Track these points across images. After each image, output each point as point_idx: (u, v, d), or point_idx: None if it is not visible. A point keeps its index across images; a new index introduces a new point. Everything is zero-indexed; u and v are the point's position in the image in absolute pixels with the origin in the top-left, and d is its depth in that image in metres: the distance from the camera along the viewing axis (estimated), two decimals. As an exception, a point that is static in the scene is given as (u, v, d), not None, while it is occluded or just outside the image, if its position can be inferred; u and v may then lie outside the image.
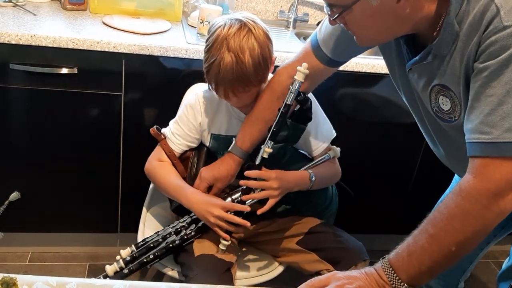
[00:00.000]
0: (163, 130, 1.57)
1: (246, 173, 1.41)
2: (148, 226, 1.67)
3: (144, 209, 1.75)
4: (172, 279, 1.53)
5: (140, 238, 1.61)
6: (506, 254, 1.63)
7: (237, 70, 1.32)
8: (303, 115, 1.44)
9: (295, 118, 1.44)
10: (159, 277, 1.76)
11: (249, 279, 1.54)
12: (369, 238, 2.48)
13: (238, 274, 1.53)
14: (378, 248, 2.51)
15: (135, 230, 1.67)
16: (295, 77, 1.35)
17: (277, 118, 1.38)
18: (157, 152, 1.57)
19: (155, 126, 1.56)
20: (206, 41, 1.39)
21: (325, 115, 1.58)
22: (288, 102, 1.37)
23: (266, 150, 1.40)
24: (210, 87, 1.42)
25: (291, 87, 1.36)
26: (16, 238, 2.14)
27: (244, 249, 1.64)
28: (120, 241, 2.23)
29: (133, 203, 1.86)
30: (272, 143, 1.40)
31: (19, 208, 2.02)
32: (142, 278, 1.86)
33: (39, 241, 2.17)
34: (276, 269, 1.59)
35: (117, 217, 2.13)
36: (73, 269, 2.14)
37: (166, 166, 1.54)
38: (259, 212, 1.40)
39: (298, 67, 1.34)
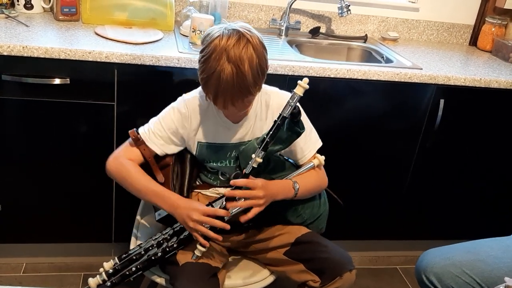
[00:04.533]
0: (140, 131, 1.54)
1: (233, 182, 1.40)
2: (141, 235, 1.67)
3: (137, 219, 1.75)
4: (164, 288, 1.54)
5: (132, 247, 1.61)
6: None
7: (238, 81, 1.31)
8: (291, 127, 1.45)
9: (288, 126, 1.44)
10: (153, 285, 1.75)
11: (239, 288, 1.55)
12: (362, 244, 2.49)
13: (229, 283, 1.53)
14: (372, 255, 2.53)
15: (130, 240, 1.67)
16: (295, 90, 1.36)
17: (273, 130, 1.39)
18: (128, 150, 1.53)
19: (134, 129, 1.55)
20: (202, 51, 1.36)
21: (312, 125, 1.59)
22: (285, 115, 1.38)
23: (257, 160, 1.40)
24: (208, 98, 1.40)
25: (290, 100, 1.37)
26: (10, 249, 2.14)
27: (234, 258, 1.64)
28: (115, 251, 2.23)
29: (127, 213, 1.86)
30: (263, 153, 1.40)
31: (13, 218, 2.02)
32: (136, 286, 1.86)
33: (34, 252, 2.17)
34: (267, 278, 1.60)
35: (111, 227, 2.13)
36: (68, 280, 2.13)
37: (139, 168, 1.51)
38: (242, 220, 1.40)
39: (299, 82, 1.35)
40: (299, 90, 1.36)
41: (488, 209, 2.47)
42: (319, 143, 1.60)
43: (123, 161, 1.52)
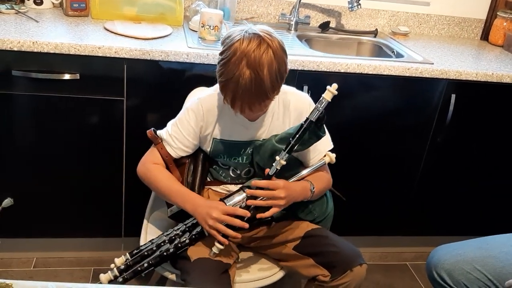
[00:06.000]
0: (159, 132, 1.57)
1: (254, 182, 1.42)
2: (151, 231, 1.67)
3: (146, 213, 1.76)
4: (174, 283, 1.53)
5: (142, 242, 1.61)
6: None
7: (256, 87, 1.31)
8: (314, 131, 1.45)
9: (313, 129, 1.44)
10: (163, 281, 1.76)
11: (249, 283, 1.55)
12: (373, 240, 2.48)
13: (239, 278, 1.53)
14: (382, 251, 2.51)
15: (140, 234, 1.68)
16: (323, 95, 1.37)
17: (299, 133, 1.40)
18: (152, 155, 1.57)
19: (152, 129, 1.57)
20: (222, 54, 1.36)
21: (325, 127, 1.58)
22: (312, 119, 1.39)
23: (281, 162, 1.41)
24: (225, 101, 1.39)
25: (318, 105, 1.37)
26: (21, 243, 2.15)
27: (244, 253, 1.64)
28: (125, 246, 2.23)
29: (137, 207, 1.86)
30: (287, 155, 1.41)
31: (23, 213, 2.03)
32: (147, 282, 1.86)
33: (44, 247, 2.18)
34: (277, 274, 1.59)
35: (121, 222, 2.14)
36: (78, 274, 2.14)
37: (164, 171, 1.54)
38: (258, 216, 1.41)
39: (328, 87, 1.35)
40: (327, 95, 1.36)
41: (499, 205, 2.45)
42: (329, 146, 1.60)
43: (148, 166, 1.56)
